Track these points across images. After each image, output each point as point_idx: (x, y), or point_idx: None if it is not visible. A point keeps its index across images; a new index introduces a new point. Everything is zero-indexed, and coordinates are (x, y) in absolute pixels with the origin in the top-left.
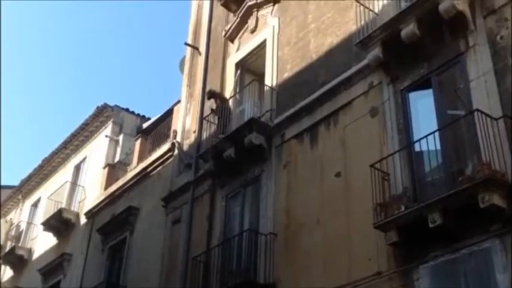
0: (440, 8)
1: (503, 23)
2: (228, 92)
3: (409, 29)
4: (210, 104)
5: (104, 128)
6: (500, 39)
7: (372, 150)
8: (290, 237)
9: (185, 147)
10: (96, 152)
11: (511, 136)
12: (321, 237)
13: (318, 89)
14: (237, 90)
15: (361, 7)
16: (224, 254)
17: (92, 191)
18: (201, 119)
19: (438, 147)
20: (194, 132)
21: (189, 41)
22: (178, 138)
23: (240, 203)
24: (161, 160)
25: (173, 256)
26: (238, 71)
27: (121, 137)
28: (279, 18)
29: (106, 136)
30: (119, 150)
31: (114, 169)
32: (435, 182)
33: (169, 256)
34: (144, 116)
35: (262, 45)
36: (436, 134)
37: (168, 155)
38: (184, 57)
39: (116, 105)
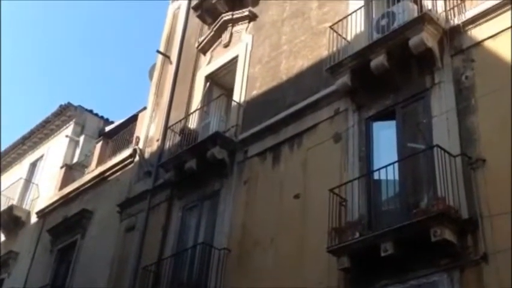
0: (410, 42)
1: (470, 64)
2: (195, 104)
3: (378, 60)
4: (176, 114)
5: (65, 127)
6: (465, 79)
7: (332, 175)
8: (243, 254)
9: (146, 155)
10: (55, 151)
11: (467, 174)
12: (273, 256)
13: (284, 110)
14: (205, 103)
15: (334, 34)
16: (176, 266)
17: (46, 190)
18: (166, 128)
19: (396, 178)
20: (157, 140)
21: (161, 49)
22: (141, 145)
23: (197, 216)
24: (121, 165)
25: (123, 264)
26: (208, 84)
27: (82, 138)
28: (253, 36)
29: (66, 136)
30: (78, 151)
31: (71, 170)
32: (390, 212)
33: (119, 263)
34: (107, 119)
35: (233, 61)
36: (396, 165)
37: (129, 161)
38: (154, 64)
39: (79, 106)
